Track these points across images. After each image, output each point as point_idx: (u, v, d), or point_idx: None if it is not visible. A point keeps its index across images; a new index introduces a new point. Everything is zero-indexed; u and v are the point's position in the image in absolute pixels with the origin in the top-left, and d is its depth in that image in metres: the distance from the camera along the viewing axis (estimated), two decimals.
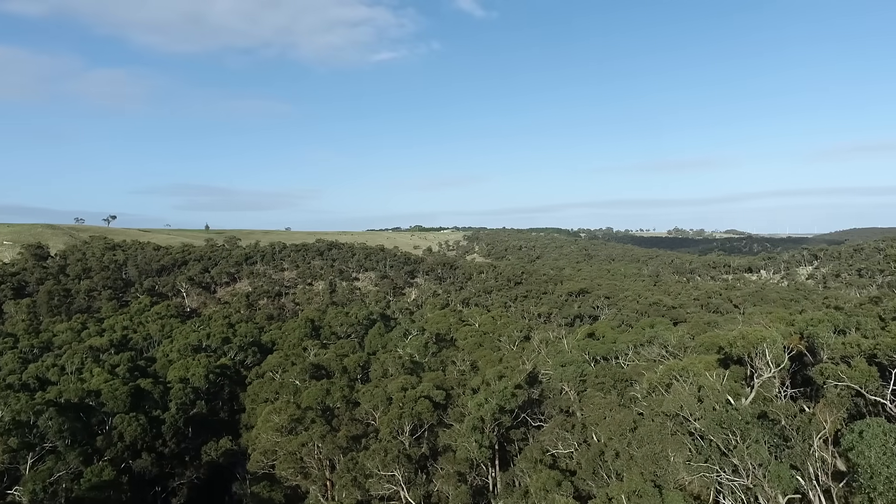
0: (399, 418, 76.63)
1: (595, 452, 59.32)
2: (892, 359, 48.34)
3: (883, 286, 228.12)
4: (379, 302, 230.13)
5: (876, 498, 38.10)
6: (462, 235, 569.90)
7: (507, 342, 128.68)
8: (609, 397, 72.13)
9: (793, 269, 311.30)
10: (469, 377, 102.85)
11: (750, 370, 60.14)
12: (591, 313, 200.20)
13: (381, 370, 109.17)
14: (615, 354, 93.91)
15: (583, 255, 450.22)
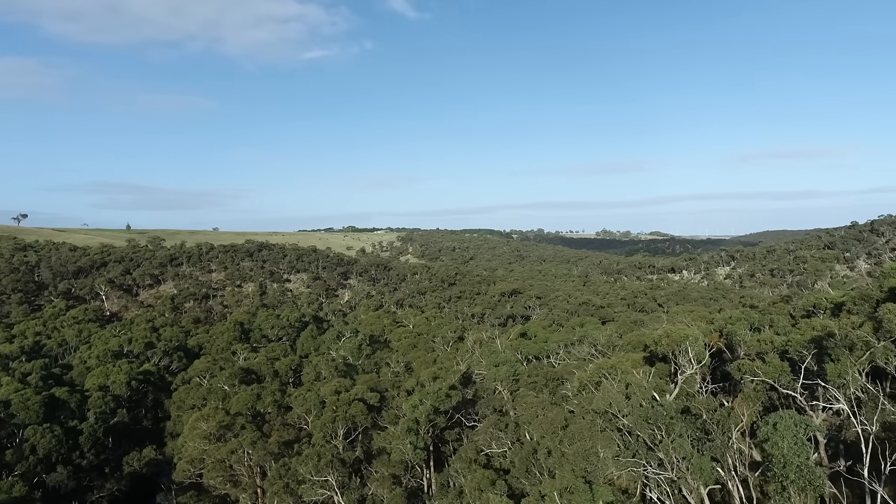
0: (332, 422, 75.61)
1: (528, 451, 60.34)
2: (801, 354, 51.39)
3: (793, 285, 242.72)
4: (311, 304, 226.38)
5: (788, 486, 40.44)
6: (396, 236, 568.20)
7: (441, 343, 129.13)
8: (541, 396, 73.51)
9: (712, 269, 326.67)
10: (403, 379, 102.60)
11: (674, 367, 62.67)
12: (523, 313, 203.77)
13: (313, 373, 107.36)
14: (547, 354, 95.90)
15: (515, 256, 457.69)
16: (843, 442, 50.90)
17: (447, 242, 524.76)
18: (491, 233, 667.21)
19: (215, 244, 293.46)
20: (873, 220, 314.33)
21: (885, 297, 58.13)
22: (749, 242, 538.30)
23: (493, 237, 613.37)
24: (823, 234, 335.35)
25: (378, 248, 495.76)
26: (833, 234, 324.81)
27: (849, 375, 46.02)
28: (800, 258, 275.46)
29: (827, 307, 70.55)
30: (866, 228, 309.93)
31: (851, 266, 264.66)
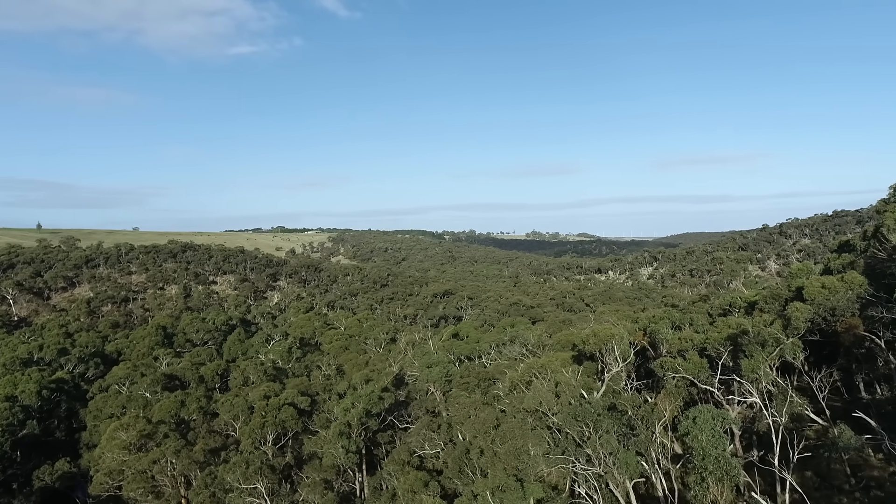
0: (261, 428, 73.78)
1: (461, 451, 60.79)
2: (719, 351, 54.08)
3: (710, 285, 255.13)
4: (239, 306, 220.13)
5: (707, 476, 42.42)
6: (327, 237, 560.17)
7: (373, 345, 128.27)
8: (473, 396, 74.21)
9: (636, 269, 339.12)
10: (335, 382, 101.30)
11: (601, 365, 64.60)
12: (455, 314, 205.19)
13: (241, 378, 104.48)
14: (479, 354, 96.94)
15: (447, 257, 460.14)
16: (755, 433, 53.89)
17: (379, 243, 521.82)
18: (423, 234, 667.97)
19: (135, 245, 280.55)
20: (782, 224, 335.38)
21: (793, 296, 61.88)
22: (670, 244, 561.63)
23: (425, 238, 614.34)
24: (738, 237, 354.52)
25: (309, 248, 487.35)
26: (746, 237, 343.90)
27: (761, 370, 48.76)
28: (717, 259, 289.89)
29: (741, 306, 74.47)
30: (776, 231, 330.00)
31: (763, 266, 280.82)
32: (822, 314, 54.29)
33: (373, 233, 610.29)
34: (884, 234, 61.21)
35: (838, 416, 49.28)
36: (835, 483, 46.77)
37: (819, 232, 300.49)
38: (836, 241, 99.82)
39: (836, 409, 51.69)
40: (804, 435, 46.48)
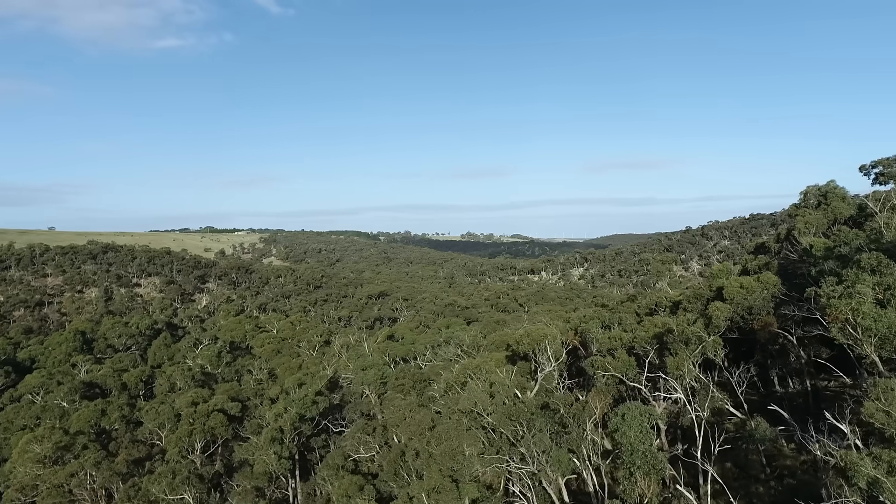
0: (189, 435, 71.30)
1: (396, 454, 60.59)
2: (646, 349, 56.08)
3: (638, 285, 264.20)
4: (165, 310, 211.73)
5: (635, 471, 43.92)
6: (259, 237, 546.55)
7: (307, 348, 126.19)
8: (409, 398, 74.13)
9: (568, 270, 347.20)
10: (267, 386, 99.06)
11: (534, 365, 65.80)
12: (390, 315, 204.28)
13: (167, 384, 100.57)
14: (414, 355, 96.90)
15: (382, 259, 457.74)
16: (680, 427, 56.11)
17: (313, 244, 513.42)
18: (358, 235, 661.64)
19: (51, 245, 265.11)
20: (703, 226, 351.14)
21: (714, 295, 64.85)
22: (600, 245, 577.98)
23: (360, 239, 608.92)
24: (663, 238, 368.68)
25: (239, 249, 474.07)
26: (671, 238, 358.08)
27: (685, 367, 50.85)
28: (643, 260, 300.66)
29: (666, 305, 77.40)
30: (698, 233, 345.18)
31: (686, 267, 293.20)
32: (740, 313, 57.11)
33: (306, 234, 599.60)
34: (795, 237, 65.13)
35: (755, 410, 51.92)
36: (752, 473, 49.31)
37: (737, 234, 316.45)
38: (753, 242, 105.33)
39: (753, 403, 54.43)
40: (724, 428, 48.83)
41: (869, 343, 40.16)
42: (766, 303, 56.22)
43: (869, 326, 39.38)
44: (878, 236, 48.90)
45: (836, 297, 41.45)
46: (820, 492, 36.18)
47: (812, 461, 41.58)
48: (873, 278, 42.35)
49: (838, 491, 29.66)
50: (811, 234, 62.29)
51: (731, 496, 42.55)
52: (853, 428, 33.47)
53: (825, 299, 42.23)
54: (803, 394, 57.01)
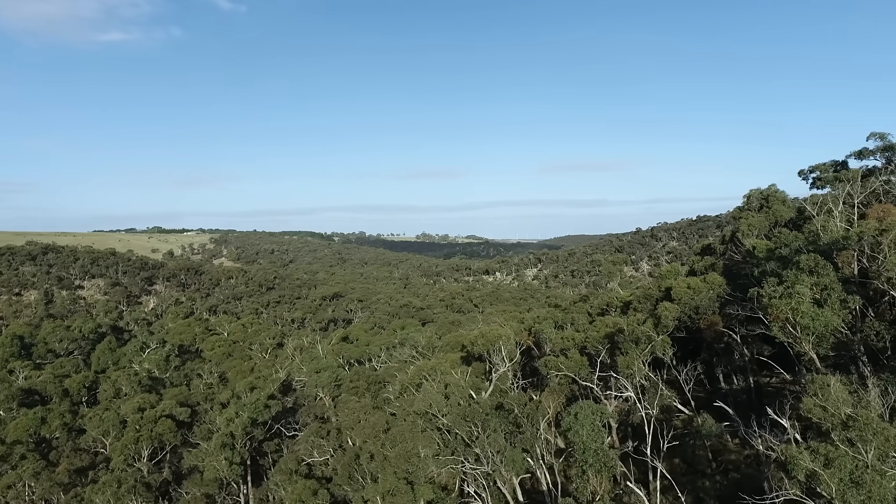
0: (135, 443, 69.14)
1: (350, 457, 60.13)
2: (597, 349, 57.18)
3: (590, 285, 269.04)
4: (109, 313, 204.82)
5: (587, 469, 44.74)
6: (209, 238, 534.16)
7: (259, 350, 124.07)
8: (363, 400, 73.65)
9: (522, 271, 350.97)
10: (218, 390, 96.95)
11: (489, 365, 66.26)
12: (345, 317, 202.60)
13: (112, 390, 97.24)
14: (369, 357, 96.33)
15: (336, 259, 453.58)
16: (630, 425, 57.39)
17: (265, 245, 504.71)
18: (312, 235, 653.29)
19: None
20: (653, 227, 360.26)
21: (663, 296, 66.59)
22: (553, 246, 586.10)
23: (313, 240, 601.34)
24: (614, 239, 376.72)
25: (189, 250, 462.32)
26: (622, 239, 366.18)
27: (635, 366, 52.05)
28: (595, 261, 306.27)
29: (617, 306, 79.04)
30: (648, 234, 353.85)
31: (636, 267, 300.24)
32: (687, 312, 58.78)
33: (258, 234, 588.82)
34: (739, 239, 67.41)
35: (702, 406, 53.61)
36: (699, 468, 50.84)
37: (685, 235, 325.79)
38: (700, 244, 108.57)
39: (699, 400, 56.17)
40: (673, 425, 50.17)
41: (807, 341, 41.94)
42: (711, 303, 58.00)
43: (807, 325, 41.12)
44: (815, 238, 51.04)
45: (777, 297, 43.10)
46: (762, 485, 37.49)
47: (755, 455, 43.11)
48: (811, 279, 44.18)
49: (779, 484, 30.81)
50: (754, 236, 64.57)
51: (679, 491, 43.76)
52: (793, 423, 34.83)
53: (767, 299, 43.86)
54: (747, 390, 59.03)
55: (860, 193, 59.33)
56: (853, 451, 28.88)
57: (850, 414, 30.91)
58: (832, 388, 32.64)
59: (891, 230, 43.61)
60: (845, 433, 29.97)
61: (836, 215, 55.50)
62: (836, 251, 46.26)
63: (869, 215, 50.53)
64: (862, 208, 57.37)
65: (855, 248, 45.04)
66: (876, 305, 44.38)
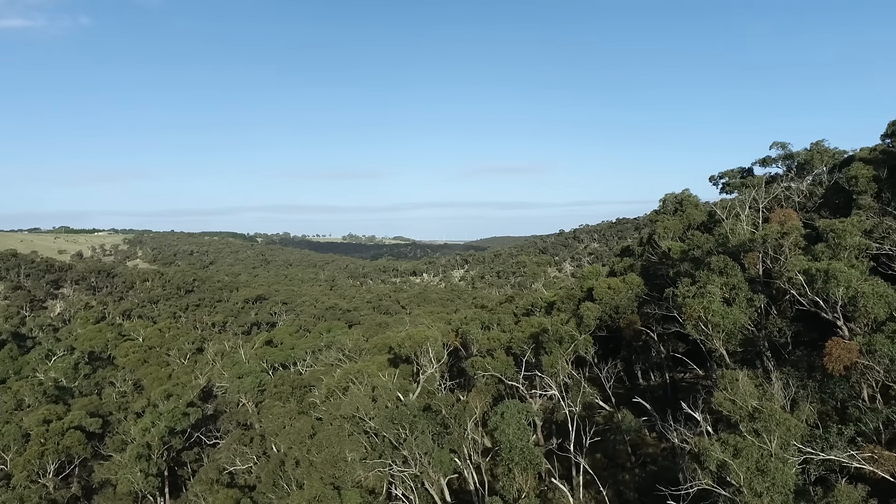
0: (40, 457, 64.91)
1: (275, 464, 58.72)
2: (523, 349, 58.32)
3: (515, 286, 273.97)
4: (10, 319, 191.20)
5: (513, 467, 45.54)
6: (122, 239, 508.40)
7: (177, 356, 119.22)
8: (288, 405, 72.13)
9: (449, 272, 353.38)
10: (132, 399, 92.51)
11: (416, 367, 66.35)
12: (269, 320, 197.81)
13: (13, 401, 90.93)
14: (294, 361, 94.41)
15: (260, 261, 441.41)
16: (555, 422, 58.79)
17: (184, 246, 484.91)
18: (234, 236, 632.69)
19: None
20: (575, 229, 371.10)
21: (585, 296, 68.72)
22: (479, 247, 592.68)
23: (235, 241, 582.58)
24: (538, 241, 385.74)
25: (100, 251, 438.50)
26: (546, 241, 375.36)
27: (559, 365, 53.43)
28: (520, 262, 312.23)
29: (542, 306, 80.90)
30: (570, 236, 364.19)
31: (560, 268, 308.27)
32: (608, 312, 60.89)
33: (176, 234, 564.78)
34: (656, 241, 70.40)
35: (622, 402, 55.60)
36: (619, 462, 52.72)
37: (605, 237, 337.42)
38: (619, 246, 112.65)
39: (619, 396, 58.21)
40: (595, 421, 51.89)
41: (718, 338, 44.30)
42: (631, 302, 60.33)
43: (718, 323, 43.43)
44: (725, 241, 53.94)
45: (690, 296, 45.30)
46: (678, 476, 39.32)
47: (671, 448, 45.09)
48: (721, 279, 46.72)
49: (693, 474, 32.41)
50: (669, 238, 67.56)
51: (600, 485, 45.24)
52: (705, 416, 36.71)
53: (681, 298, 46.02)
54: (663, 386, 61.73)
55: (764, 198, 63.23)
56: (759, 441, 30.73)
57: (756, 406, 32.86)
58: (740, 383, 34.59)
59: (791, 234, 46.77)
60: (752, 424, 31.85)
61: (744, 219, 58.86)
62: (744, 253, 49.08)
63: (772, 219, 53.86)
64: (766, 213, 61.09)
65: (760, 250, 47.93)
66: (778, 303, 47.35)
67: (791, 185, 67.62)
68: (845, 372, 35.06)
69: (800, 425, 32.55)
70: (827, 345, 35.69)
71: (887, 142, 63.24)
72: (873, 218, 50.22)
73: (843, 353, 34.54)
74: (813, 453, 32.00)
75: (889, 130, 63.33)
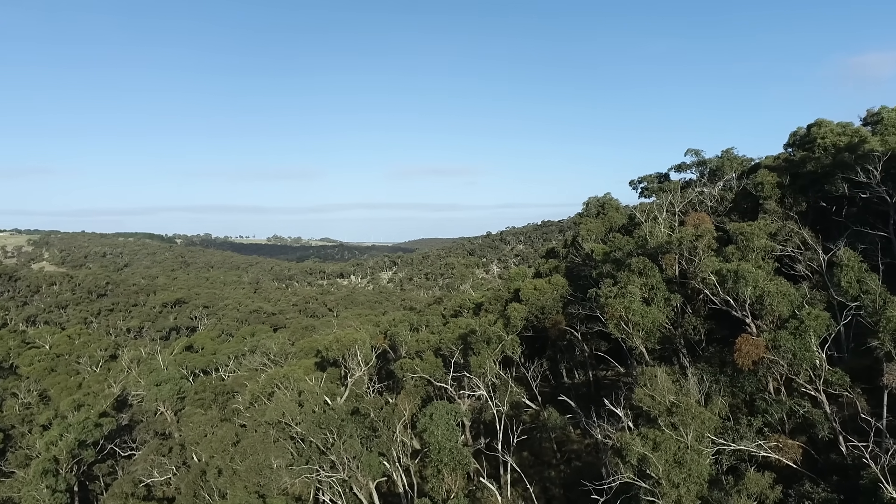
0: None
1: (196, 474, 56.59)
2: (451, 350, 58.68)
3: (444, 287, 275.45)
4: None
5: (442, 468, 45.73)
6: (26, 239, 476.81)
7: (88, 364, 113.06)
8: (210, 413, 69.70)
9: (377, 274, 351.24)
10: (38, 410, 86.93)
11: (344, 370, 65.53)
12: (189, 324, 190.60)
13: None
14: (216, 366, 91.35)
15: (179, 263, 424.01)
16: (483, 422, 59.45)
17: (96, 247, 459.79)
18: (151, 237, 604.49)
19: None
20: (502, 231, 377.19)
21: (512, 297, 69.92)
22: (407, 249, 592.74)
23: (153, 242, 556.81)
24: (466, 243, 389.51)
25: (1, 253, 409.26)
26: (473, 243, 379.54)
27: (487, 365, 54.09)
28: (449, 264, 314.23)
29: (470, 307, 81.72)
30: (497, 238, 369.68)
31: (487, 270, 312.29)
32: (534, 313, 62.22)
33: (87, 235, 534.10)
34: (579, 243, 72.54)
35: (547, 401, 56.88)
36: (545, 459, 53.88)
37: (531, 239, 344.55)
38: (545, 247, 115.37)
39: (545, 395, 59.54)
40: (522, 420, 52.80)
41: (638, 336, 46.10)
42: (556, 303, 61.87)
43: (638, 322, 45.20)
44: (644, 243, 56.24)
45: (612, 296, 46.92)
46: (601, 471, 40.57)
47: (595, 444, 46.50)
48: (641, 280, 48.67)
49: (615, 469, 33.54)
50: (592, 240, 69.79)
51: (527, 483, 46.12)
52: (626, 412, 38.07)
53: (604, 299, 47.62)
54: (587, 383, 63.60)
55: (680, 203, 66.37)
56: (676, 435, 32.16)
57: (673, 401, 34.39)
58: (659, 379, 36.14)
59: (705, 236, 49.29)
60: (670, 419, 33.31)
61: (661, 222, 61.61)
62: (661, 254, 51.34)
63: (687, 223, 56.61)
64: (681, 216, 64.14)
65: (676, 252, 50.26)
66: (693, 303, 49.79)
67: (704, 189, 71.20)
68: (753, 366, 37.24)
69: (713, 418, 34.33)
70: (737, 341, 37.84)
71: (789, 151, 67.81)
72: (777, 222, 53.69)
73: (752, 348, 36.69)
74: (725, 444, 33.83)
75: (791, 140, 67.93)
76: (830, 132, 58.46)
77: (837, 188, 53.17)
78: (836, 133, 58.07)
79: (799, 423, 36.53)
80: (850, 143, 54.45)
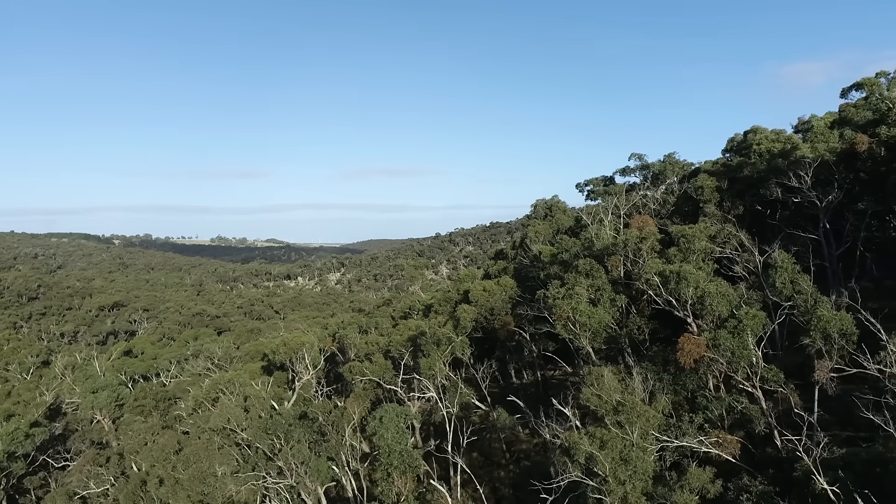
0: None
1: (135, 484, 54.60)
2: (401, 352, 58.51)
3: (393, 289, 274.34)
4: None
5: (392, 471, 45.39)
6: None
7: (17, 371, 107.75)
8: (151, 420, 67.39)
9: (325, 275, 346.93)
10: None
11: (292, 374, 64.41)
12: (127, 328, 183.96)
13: None
14: (157, 372, 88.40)
15: (118, 265, 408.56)
16: (433, 424, 59.46)
17: (26, 248, 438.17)
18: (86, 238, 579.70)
19: None
20: (451, 232, 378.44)
21: (461, 298, 70.20)
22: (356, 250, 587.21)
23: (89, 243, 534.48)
24: (415, 244, 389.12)
25: None
26: (423, 244, 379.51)
27: (437, 367, 54.12)
28: (398, 265, 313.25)
29: (420, 309, 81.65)
30: (446, 239, 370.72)
31: (436, 271, 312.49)
32: (483, 314, 62.61)
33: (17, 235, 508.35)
34: (527, 245, 73.46)
35: (497, 401, 57.29)
36: (495, 460, 54.27)
37: (480, 240, 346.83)
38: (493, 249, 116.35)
39: (494, 395, 60.01)
40: (471, 421, 53.04)
41: (585, 336, 46.94)
42: (505, 304, 62.42)
43: (584, 322, 46.03)
44: (590, 245, 57.40)
45: (559, 297, 47.67)
46: (550, 470, 41.10)
47: (543, 443, 47.07)
48: (587, 281, 49.60)
49: (563, 468, 34.05)
50: (540, 241, 70.77)
51: (477, 484, 46.33)
52: (574, 411, 38.68)
53: (551, 300, 48.32)
54: (536, 384, 64.41)
55: (625, 205, 68.05)
56: (622, 433, 32.89)
57: (619, 400, 35.15)
58: (605, 378, 36.89)
59: (648, 238, 50.66)
60: (616, 417, 34.05)
61: (607, 224, 62.96)
62: (607, 256, 52.45)
63: (632, 225, 58.08)
64: (626, 218, 65.76)
65: (621, 254, 51.47)
66: (638, 303, 51.08)
67: (647, 193, 73.27)
68: (695, 365, 38.43)
69: (657, 416, 35.28)
70: (679, 340, 38.98)
71: (727, 156, 70.50)
72: (717, 225, 55.68)
73: (693, 347, 37.86)
74: (668, 441, 34.82)
75: (729, 146, 70.66)
76: (765, 139, 61.12)
77: (772, 193, 55.64)
78: (770, 140, 60.77)
79: (737, 419, 37.88)
80: (784, 150, 57.06)
